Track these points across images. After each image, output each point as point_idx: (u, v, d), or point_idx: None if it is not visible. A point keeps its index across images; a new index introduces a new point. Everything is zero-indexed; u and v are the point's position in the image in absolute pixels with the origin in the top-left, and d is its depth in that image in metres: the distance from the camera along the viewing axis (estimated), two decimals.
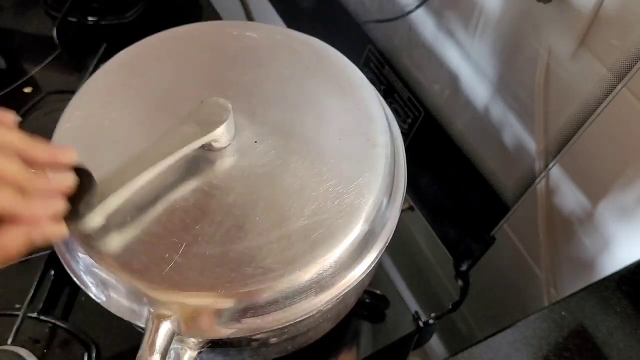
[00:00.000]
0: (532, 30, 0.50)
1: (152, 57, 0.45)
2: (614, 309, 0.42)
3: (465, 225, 0.68)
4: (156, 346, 0.32)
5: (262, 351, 0.44)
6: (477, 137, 0.62)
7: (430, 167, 0.70)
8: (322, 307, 0.36)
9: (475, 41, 0.57)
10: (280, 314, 0.35)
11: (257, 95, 0.42)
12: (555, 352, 0.40)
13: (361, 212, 0.36)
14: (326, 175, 0.37)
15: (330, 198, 0.36)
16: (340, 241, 0.35)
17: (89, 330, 0.54)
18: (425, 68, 0.66)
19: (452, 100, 0.64)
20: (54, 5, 0.80)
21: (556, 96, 0.50)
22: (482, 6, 0.54)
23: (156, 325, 0.33)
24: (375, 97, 0.43)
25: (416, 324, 0.59)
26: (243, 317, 0.34)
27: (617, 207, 0.49)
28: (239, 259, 0.34)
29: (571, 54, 0.47)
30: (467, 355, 0.40)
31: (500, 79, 0.56)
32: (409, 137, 0.71)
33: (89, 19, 0.79)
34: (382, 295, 0.59)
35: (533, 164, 0.56)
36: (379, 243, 0.38)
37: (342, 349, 0.59)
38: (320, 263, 0.34)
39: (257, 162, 0.38)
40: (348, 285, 0.37)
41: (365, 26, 0.74)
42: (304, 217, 0.36)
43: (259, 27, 0.48)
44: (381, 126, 0.41)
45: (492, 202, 0.62)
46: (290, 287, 0.34)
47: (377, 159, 0.39)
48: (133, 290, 0.34)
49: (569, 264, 0.57)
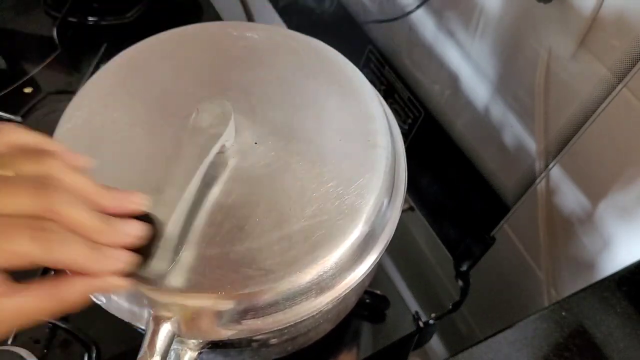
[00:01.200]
0: (532, 30, 0.50)
1: (152, 57, 0.45)
2: (614, 309, 0.42)
3: (465, 225, 0.68)
4: (156, 347, 0.32)
5: (262, 351, 0.44)
6: (477, 137, 0.62)
7: (430, 167, 0.70)
8: (323, 308, 0.36)
9: (475, 41, 0.57)
10: (281, 315, 0.35)
11: (257, 95, 0.42)
12: (555, 352, 0.40)
13: (361, 213, 0.36)
14: (326, 176, 0.37)
15: (331, 199, 0.36)
16: (341, 242, 0.35)
17: (89, 330, 0.54)
18: (425, 68, 0.66)
19: (452, 100, 0.64)
20: (54, 5, 0.80)
21: (556, 96, 0.50)
22: (482, 6, 0.54)
23: (156, 326, 0.33)
24: (375, 97, 0.43)
25: (416, 324, 0.59)
26: (243, 318, 0.34)
27: (617, 207, 0.49)
28: (239, 260, 0.34)
29: (571, 54, 0.47)
30: (467, 355, 0.40)
31: (500, 79, 0.56)
32: (409, 137, 0.71)
33: (89, 19, 0.79)
34: (382, 295, 0.59)
35: (533, 164, 0.56)
36: (379, 244, 0.38)
37: (342, 349, 0.59)
38: (321, 264, 0.34)
39: (257, 163, 0.38)
40: (348, 286, 0.37)
41: (365, 26, 0.74)
42: (304, 218, 0.36)
43: (259, 27, 0.48)
44: (381, 126, 0.41)
45: (492, 202, 0.62)
46: (290, 288, 0.34)
47: (377, 159, 0.39)
48: (133, 291, 0.34)
49: (569, 264, 0.57)
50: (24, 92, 0.71)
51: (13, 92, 0.71)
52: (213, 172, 0.37)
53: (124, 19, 0.80)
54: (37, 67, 0.73)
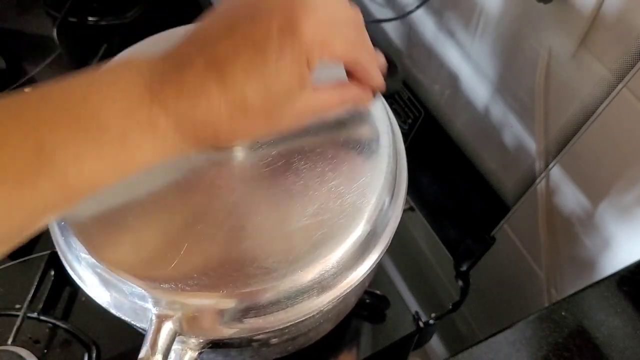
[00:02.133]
0: (532, 30, 0.50)
1: None
2: (614, 309, 0.42)
3: (465, 225, 0.68)
4: (158, 346, 0.32)
5: (263, 351, 0.44)
6: (477, 137, 0.62)
7: (430, 167, 0.70)
8: (324, 307, 0.36)
9: (475, 41, 0.57)
10: (282, 314, 0.35)
11: None
12: (555, 352, 0.40)
13: (363, 212, 0.36)
14: (328, 175, 0.37)
15: (332, 198, 0.36)
16: (342, 241, 0.35)
17: (89, 330, 0.54)
18: (425, 68, 0.66)
19: (452, 100, 0.64)
20: (54, 5, 0.80)
21: (556, 96, 0.50)
22: (482, 6, 0.54)
23: (158, 325, 0.33)
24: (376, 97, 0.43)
25: (416, 324, 0.59)
26: (245, 317, 0.34)
27: (617, 207, 0.49)
28: (241, 259, 0.34)
29: (571, 54, 0.47)
30: (467, 355, 0.40)
31: (500, 79, 0.56)
32: (409, 137, 0.71)
33: (89, 19, 0.79)
34: (382, 295, 0.60)
35: (533, 164, 0.56)
36: (381, 243, 0.38)
37: (342, 349, 0.59)
38: (322, 263, 0.34)
39: (258, 162, 0.38)
40: (349, 285, 0.37)
41: (366, 26, 0.74)
42: (305, 217, 0.36)
43: None
44: (382, 126, 0.41)
45: (492, 202, 0.62)
46: (292, 287, 0.34)
47: (378, 158, 0.39)
48: (135, 290, 0.34)
49: (569, 264, 0.57)
50: (24, 92, 0.71)
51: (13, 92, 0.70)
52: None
53: (123, 19, 0.80)
54: (37, 67, 0.73)
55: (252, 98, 0.27)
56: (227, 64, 0.27)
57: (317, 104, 0.31)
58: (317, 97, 0.31)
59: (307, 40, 0.27)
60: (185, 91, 0.27)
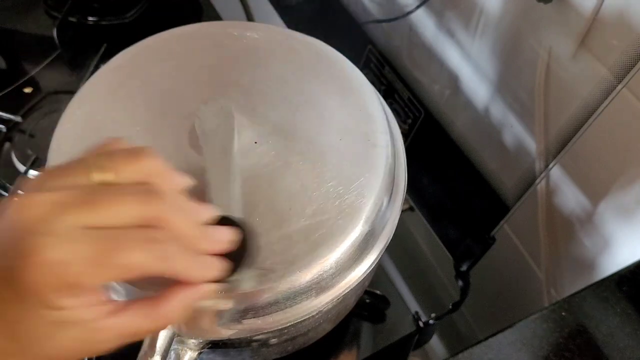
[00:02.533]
0: (532, 30, 0.50)
1: (152, 57, 0.45)
2: (614, 309, 0.42)
3: (465, 225, 0.68)
4: (156, 347, 0.32)
5: (262, 351, 0.44)
6: (477, 137, 0.62)
7: (430, 167, 0.70)
8: (323, 308, 0.36)
9: (475, 41, 0.57)
10: (281, 315, 0.35)
11: (257, 95, 0.42)
12: (555, 352, 0.40)
13: (361, 213, 0.36)
14: (326, 176, 0.37)
15: (331, 198, 0.36)
16: (341, 241, 0.35)
17: None
18: (425, 68, 0.66)
19: (452, 100, 0.64)
20: (54, 5, 0.80)
21: (556, 96, 0.50)
22: (482, 6, 0.54)
23: None
24: (375, 97, 0.43)
25: (416, 324, 0.59)
26: (243, 318, 0.34)
27: (617, 207, 0.49)
28: None
29: (571, 54, 0.47)
30: (467, 355, 0.40)
31: (500, 79, 0.56)
32: (409, 137, 0.71)
33: (89, 19, 0.79)
34: (382, 295, 0.59)
35: (533, 164, 0.56)
36: (379, 243, 0.38)
37: (342, 349, 0.59)
38: (321, 263, 0.34)
39: (257, 163, 0.38)
40: (348, 286, 0.37)
41: (365, 26, 0.74)
42: (304, 218, 0.36)
43: (259, 27, 0.48)
44: (381, 126, 0.41)
45: (492, 202, 0.62)
46: (290, 287, 0.34)
47: (377, 159, 0.39)
48: (133, 291, 0.34)
49: (569, 264, 0.57)
50: (24, 92, 0.71)
51: (13, 92, 0.71)
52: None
53: (124, 19, 0.79)
54: (37, 67, 0.73)
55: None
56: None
57: (117, 333, 0.25)
58: (117, 324, 0.25)
59: (32, 287, 0.22)
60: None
